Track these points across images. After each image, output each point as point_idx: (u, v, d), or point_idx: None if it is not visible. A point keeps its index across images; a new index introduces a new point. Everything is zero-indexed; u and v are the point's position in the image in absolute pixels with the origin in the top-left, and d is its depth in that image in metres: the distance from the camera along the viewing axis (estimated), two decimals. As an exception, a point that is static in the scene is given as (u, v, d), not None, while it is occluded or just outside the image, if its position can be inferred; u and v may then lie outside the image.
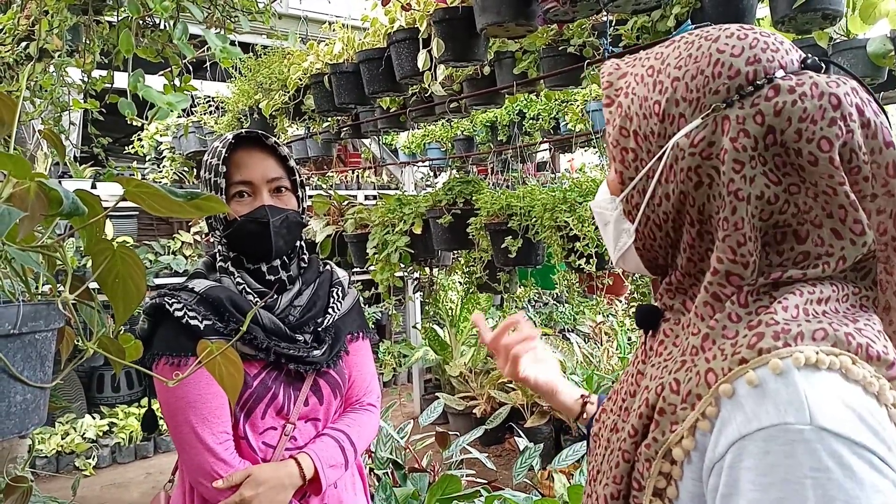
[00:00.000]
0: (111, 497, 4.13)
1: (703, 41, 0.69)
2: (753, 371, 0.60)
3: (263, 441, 1.34)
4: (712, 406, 0.62)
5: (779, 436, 0.56)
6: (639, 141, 0.72)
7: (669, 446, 0.65)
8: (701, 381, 0.64)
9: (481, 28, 1.88)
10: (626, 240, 0.77)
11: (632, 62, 0.77)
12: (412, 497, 2.66)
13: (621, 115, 0.74)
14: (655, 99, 0.70)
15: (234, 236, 1.34)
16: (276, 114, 3.05)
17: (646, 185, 0.73)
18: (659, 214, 0.72)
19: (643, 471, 0.68)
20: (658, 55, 0.73)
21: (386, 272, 2.77)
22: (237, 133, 1.36)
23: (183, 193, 0.79)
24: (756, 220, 0.65)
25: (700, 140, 0.67)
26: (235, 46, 1.22)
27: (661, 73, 0.71)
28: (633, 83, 0.74)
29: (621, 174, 0.75)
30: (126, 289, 0.85)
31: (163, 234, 7.17)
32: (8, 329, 0.71)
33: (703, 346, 0.67)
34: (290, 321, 1.37)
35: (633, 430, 0.70)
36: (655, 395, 0.69)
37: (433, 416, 3.37)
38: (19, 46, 1.34)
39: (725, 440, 0.60)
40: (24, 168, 0.70)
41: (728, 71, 0.66)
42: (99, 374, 5.24)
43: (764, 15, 2.07)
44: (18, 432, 0.74)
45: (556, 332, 5.93)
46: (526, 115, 4.26)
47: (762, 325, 0.63)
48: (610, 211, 0.79)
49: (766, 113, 0.63)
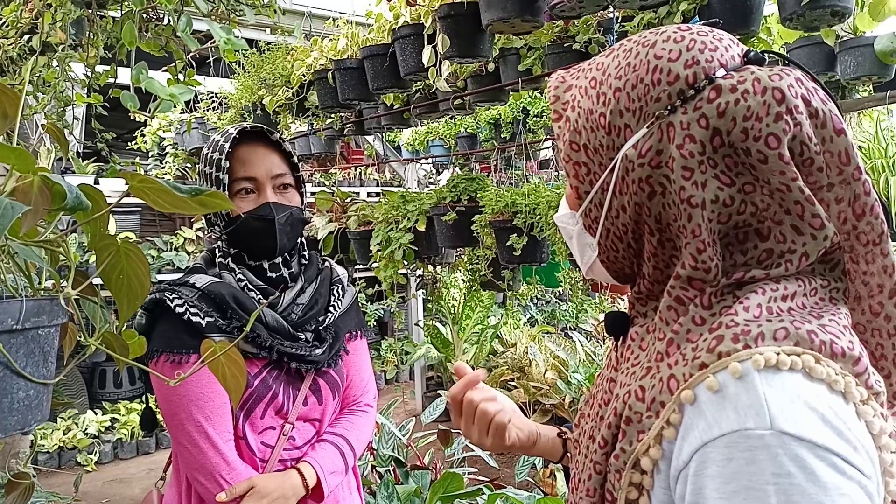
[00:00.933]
0: (113, 493, 4.14)
1: (640, 48, 0.67)
2: (713, 376, 0.59)
3: (262, 441, 1.33)
4: (676, 413, 0.61)
5: (740, 442, 0.55)
6: (589, 154, 0.71)
7: (637, 456, 0.64)
8: (664, 387, 0.63)
9: (487, 24, 1.86)
10: (590, 253, 0.77)
11: (576, 74, 0.76)
12: (414, 495, 2.65)
13: (570, 130, 0.73)
14: (600, 111, 0.69)
15: (237, 233, 1.32)
16: (279, 110, 3.04)
17: (602, 199, 0.71)
18: (618, 226, 0.71)
19: (614, 482, 0.67)
20: (599, 65, 0.72)
21: (389, 269, 2.76)
22: (241, 127, 1.33)
23: (187, 189, 0.78)
24: (714, 224, 0.63)
25: (647, 150, 0.65)
26: (240, 39, 1.21)
27: (604, 84, 0.70)
28: (577, 96, 0.73)
29: (577, 189, 0.74)
30: (130, 285, 0.84)
31: (165, 230, 7.17)
32: (11, 325, 0.70)
33: (668, 350, 0.66)
34: (293, 319, 1.36)
35: (602, 440, 0.69)
36: (623, 403, 0.68)
37: (435, 414, 3.36)
38: (22, 39, 1.33)
39: (689, 447, 0.59)
40: (28, 161, 0.69)
41: (667, 77, 0.64)
42: (101, 369, 5.25)
43: (772, 12, 2.05)
44: (21, 429, 0.74)
45: (559, 331, 5.93)
46: (530, 113, 4.25)
47: (722, 326, 0.61)
48: (571, 226, 0.78)
49: (709, 115, 0.62)
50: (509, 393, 4.50)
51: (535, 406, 4.38)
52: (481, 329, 5.38)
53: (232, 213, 1.30)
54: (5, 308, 0.70)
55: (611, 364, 0.79)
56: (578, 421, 0.85)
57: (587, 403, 0.84)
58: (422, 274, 3.27)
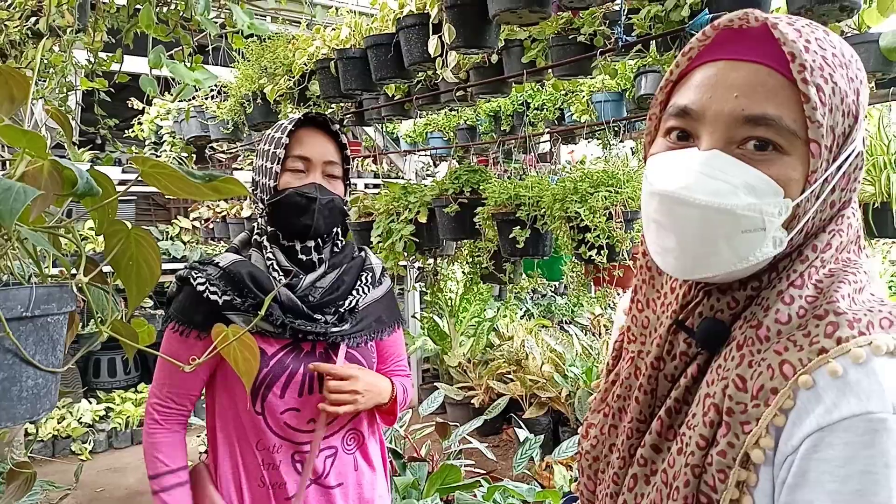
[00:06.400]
0: (107, 482, 4.12)
1: (851, 48, 0.68)
2: (834, 360, 0.59)
3: (285, 422, 1.35)
4: (790, 399, 0.60)
5: (860, 425, 0.56)
6: (831, 140, 0.64)
7: (747, 450, 0.62)
8: (776, 373, 0.62)
9: (494, 14, 1.85)
10: (769, 250, 0.65)
11: (806, 31, 0.65)
12: (412, 486, 2.65)
13: (827, 105, 0.63)
14: (852, 98, 0.65)
15: (278, 208, 1.36)
16: (280, 99, 3.01)
17: (819, 191, 0.65)
18: (815, 222, 0.67)
19: (714, 483, 0.64)
20: (832, 43, 0.66)
21: (390, 261, 2.75)
22: (306, 112, 1.41)
23: (201, 175, 0.77)
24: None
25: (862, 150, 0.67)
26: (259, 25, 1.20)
27: (848, 69, 0.65)
28: (826, 67, 0.64)
29: (814, 174, 0.64)
30: (140, 271, 0.83)
31: (160, 219, 7.13)
32: (20, 312, 0.69)
33: (766, 336, 0.64)
34: (311, 301, 1.37)
35: (701, 439, 0.65)
36: (722, 394, 0.65)
37: (434, 406, 3.36)
38: (28, 22, 1.31)
39: (801, 432, 0.59)
40: (40, 145, 0.67)
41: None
42: (96, 358, 5.22)
43: (780, 5, 2.04)
44: (30, 417, 0.72)
45: (555, 324, 5.93)
46: (530, 106, 4.23)
47: (831, 314, 0.62)
48: (771, 216, 0.64)
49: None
50: (505, 386, 4.51)
51: (531, 399, 4.38)
52: (478, 322, 5.37)
53: (279, 187, 1.35)
54: (15, 295, 0.68)
55: (647, 372, 0.74)
56: (587, 431, 0.82)
57: (597, 411, 0.82)
58: (421, 266, 3.26)
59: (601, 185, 2.06)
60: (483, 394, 4.68)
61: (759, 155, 0.64)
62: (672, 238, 0.67)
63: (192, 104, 4.03)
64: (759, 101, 0.63)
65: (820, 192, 0.65)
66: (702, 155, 0.66)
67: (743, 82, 0.65)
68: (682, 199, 0.65)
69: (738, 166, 0.64)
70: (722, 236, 0.64)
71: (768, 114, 0.63)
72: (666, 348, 0.73)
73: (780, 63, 0.64)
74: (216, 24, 1.16)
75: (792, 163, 0.64)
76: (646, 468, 0.72)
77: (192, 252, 5.56)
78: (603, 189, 2.04)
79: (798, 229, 0.65)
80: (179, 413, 1.40)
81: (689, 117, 0.68)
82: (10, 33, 1.31)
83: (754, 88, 0.64)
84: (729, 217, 0.63)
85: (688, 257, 0.67)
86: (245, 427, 1.36)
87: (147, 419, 1.39)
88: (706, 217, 0.64)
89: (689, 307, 0.72)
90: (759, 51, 0.65)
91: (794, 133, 0.63)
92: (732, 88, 0.65)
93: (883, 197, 2.25)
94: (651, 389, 0.74)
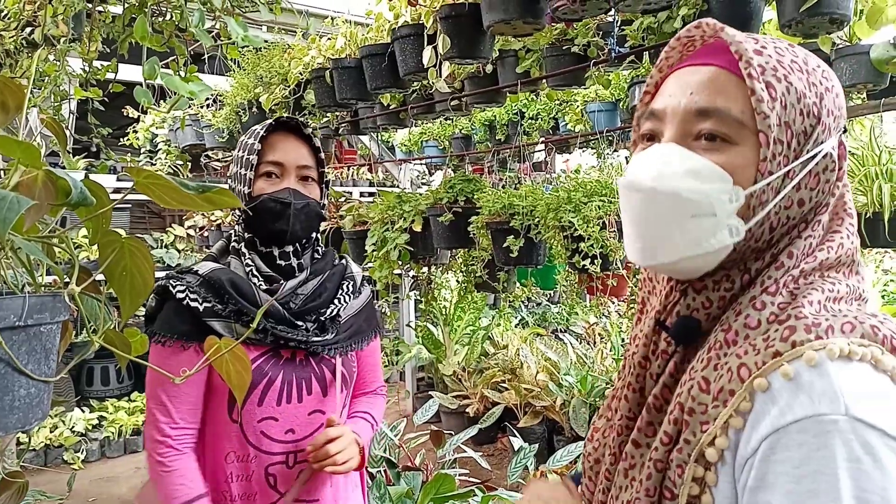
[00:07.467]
0: (100, 491, 4.10)
1: (821, 63, 0.72)
2: (788, 364, 0.61)
3: (262, 430, 1.34)
4: (746, 401, 0.62)
5: (813, 427, 0.57)
6: (788, 136, 0.67)
7: (702, 448, 0.64)
8: (733, 376, 0.64)
9: (488, 25, 1.86)
10: (726, 238, 0.67)
11: (762, 42, 0.71)
12: (406, 496, 2.64)
13: (778, 100, 0.67)
14: (812, 100, 0.68)
15: (254, 214, 1.36)
16: (275, 108, 3.02)
17: (779, 186, 0.68)
18: (779, 218, 0.69)
19: (675, 478, 0.66)
20: (793, 53, 0.70)
21: (385, 269, 2.76)
22: (278, 117, 1.41)
23: (194, 186, 0.77)
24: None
25: (838, 157, 0.70)
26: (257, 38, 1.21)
27: (811, 75, 0.69)
28: (780, 69, 0.68)
29: (764, 164, 0.67)
30: (133, 282, 0.83)
31: (155, 227, 7.12)
32: (13, 321, 0.69)
33: (733, 340, 0.67)
34: (292, 308, 1.37)
35: (665, 436, 0.68)
36: (686, 395, 0.67)
37: (428, 415, 3.35)
38: (23, 32, 1.31)
39: (758, 435, 0.60)
40: (34, 155, 0.67)
41: (841, 104, 0.72)
42: (89, 367, 5.19)
43: (770, 18, 2.06)
44: (22, 427, 0.72)
45: (549, 333, 5.93)
46: (525, 115, 4.25)
47: (792, 318, 0.64)
48: (722, 201, 0.67)
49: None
50: (500, 395, 4.50)
51: (526, 408, 4.37)
52: (472, 330, 5.37)
53: (254, 193, 1.35)
54: (8, 304, 0.68)
55: (648, 371, 0.76)
56: (592, 435, 0.84)
57: (602, 416, 0.84)
58: (415, 275, 3.27)
59: (595, 195, 2.07)
60: (478, 402, 4.67)
61: (709, 145, 0.69)
62: (631, 226, 0.73)
63: (187, 113, 4.03)
64: (710, 96, 0.69)
65: (781, 187, 0.68)
66: (658, 149, 0.72)
67: (697, 81, 0.71)
68: (631, 185, 0.71)
69: (684, 154, 0.69)
70: (672, 220, 0.68)
71: (717, 105, 0.68)
72: (651, 348, 0.76)
73: (735, 66, 0.69)
74: (210, 36, 1.17)
75: (741, 152, 0.68)
76: (627, 463, 0.74)
77: (187, 260, 5.55)
78: (597, 199, 2.05)
79: (757, 221, 0.68)
80: (192, 429, 1.35)
81: (655, 118, 0.74)
82: (6, 43, 1.31)
83: (707, 85, 0.70)
84: (674, 199, 0.68)
85: (645, 242, 0.71)
86: (220, 436, 1.35)
87: (158, 448, 1.31)
88: (652, 199, 0.69)
89: (669, 307, 0.75)
90: (719, 58, 0.71)
91: (741, 123, 0.67)
92: (688, 87, 0.71)
93: (875, 207, 2.27)
94: (639, 388, 0.76)
